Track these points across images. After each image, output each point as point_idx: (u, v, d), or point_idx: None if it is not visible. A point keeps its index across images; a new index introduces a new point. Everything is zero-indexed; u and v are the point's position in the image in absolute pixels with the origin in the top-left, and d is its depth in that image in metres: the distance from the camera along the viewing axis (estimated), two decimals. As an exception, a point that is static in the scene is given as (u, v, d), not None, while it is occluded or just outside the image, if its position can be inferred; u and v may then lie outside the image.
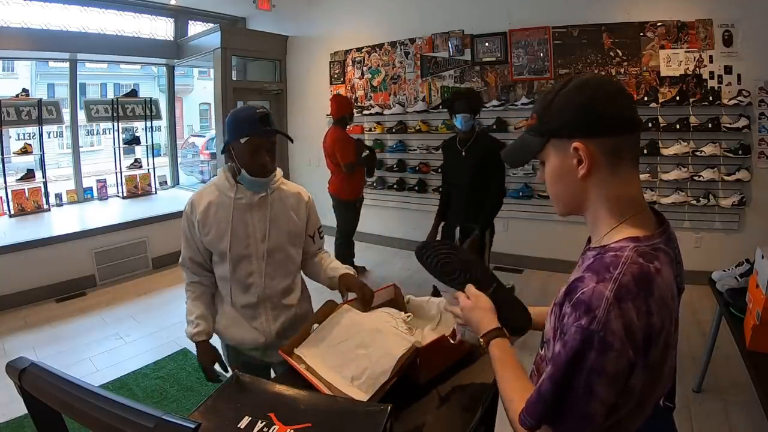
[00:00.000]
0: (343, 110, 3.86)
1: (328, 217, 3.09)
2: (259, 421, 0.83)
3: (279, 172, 1.51)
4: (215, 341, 1.51)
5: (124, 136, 5.43)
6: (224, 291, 1.50)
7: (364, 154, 3.89)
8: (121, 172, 5.33)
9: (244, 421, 0.83)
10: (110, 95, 6.39)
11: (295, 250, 1.55)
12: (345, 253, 4.05)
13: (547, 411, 0.67)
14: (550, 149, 0.76)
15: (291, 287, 1.55)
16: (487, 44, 4.37)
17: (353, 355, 1.16)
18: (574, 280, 0.69)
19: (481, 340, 0.88)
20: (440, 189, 3.10)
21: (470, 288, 0.96)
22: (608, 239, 0.73)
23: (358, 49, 5.21)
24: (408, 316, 1.34)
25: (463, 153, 2.80)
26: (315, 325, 1.31)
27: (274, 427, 0.81)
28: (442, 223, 3.06)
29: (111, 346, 3.10)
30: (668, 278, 0.68)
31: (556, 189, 0.79)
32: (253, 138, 1.36)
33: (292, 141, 1.73)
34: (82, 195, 5.17)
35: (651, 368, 0.67)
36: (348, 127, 3.98)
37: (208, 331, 1.46)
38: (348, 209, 4.00)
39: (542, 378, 0.69)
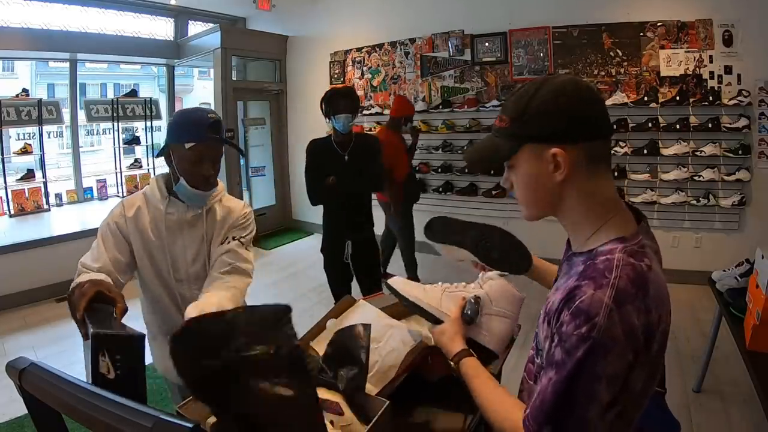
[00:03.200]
0: (401, 111, 3.66)
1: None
2: None
3: (221, 186, 1.38)
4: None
5: (124, 136, 5.43)
6: (158, 316, 1.36)
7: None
8: (121, 172, 5.33)
9: None
10: (110, 95, 6.38)
11: None
12: (411, 261, 3.83)
13: (549, 417, 0.68)
14: (524, 154, 0.73)
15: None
16: (487, 44, 4.37)
17: None
18: (573, 288, 0.69)
19: (452, 363, 0.92)
20: (316, 200, 2.49)
21: (453, 312, 1.02)
22: (594, 243, 0.73)
23: (358, 49, 5.21)
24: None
25: (346, 158, 2.41)
26: (331, 320, 1.32)
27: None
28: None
29: (111, 346, 3.10)
30: (658, 272, 0.70)
31: (528, 193, 0.77)
32: (200, 145, 1.21)
33: (242, 153, 1.50)
34: (82, 195, 5.17)
35: (652, 362, 0.68)
36: (403, 128, 3.75)
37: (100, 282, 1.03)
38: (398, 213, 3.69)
39: (544, 384, 0.69)
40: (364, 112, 5.06)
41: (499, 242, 1.09)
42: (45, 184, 4.74)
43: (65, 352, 3.04)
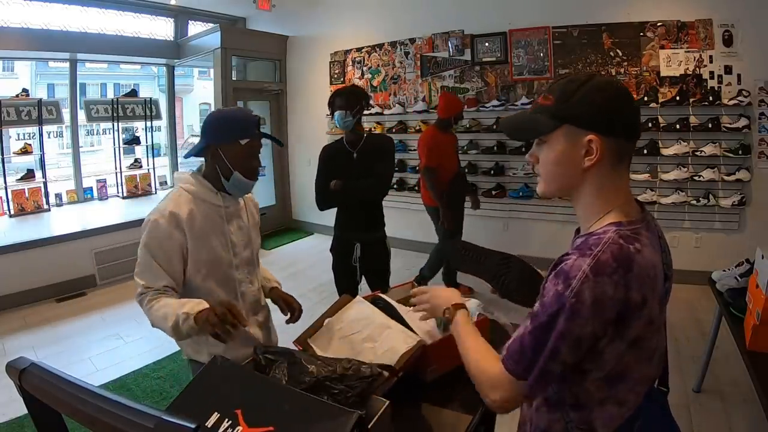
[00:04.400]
0: (450, 110, 3.43)
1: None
2: (226, 420, 0.83)
3: None
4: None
5: (124, 136, 5.43)
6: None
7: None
8: (121, 172, 5.33)
9: (212, 419, 0.84)
10: (110, 95, 6.38)
11: (259, 252, 1.59)
12: (435, 264, 3.69)
13: (530, 362, 0.74)
14: (561, 134, 0.78)
15: (260, 287, 1.58)
16: (487, 44, 4.37)
17: (360, 347, 1.17)
18: (562, 256, 0.77)
19: (448, 311, 0.99)
20: (323, 205, 2.49)
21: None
22: (595, 226, 0.79)
23: (358, 49, 5.21)
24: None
25: (355, 155, 2.41)
26: (329, 319, 1.32)
27: (238, 428, 0.81)
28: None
29: (111, 346, 3.10)
30: (649, 258, 0.73)
31: (554, 172, 0.82)
32: (253, 141, 1.36)
33: (281, 145, 1.71)
34: (82, 195, 5.16)
35: (635, 343, 0.72)
36: (453, 127, 3.53)
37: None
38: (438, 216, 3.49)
39: (524, 331, 0.76)
40: (365, 112, 5.05)
41: (516, 275, 1.09)
42: (45, 184, 4.74)
43: (65, 352, 3.04)
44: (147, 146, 5.59)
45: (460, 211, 3.62)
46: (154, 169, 5.66)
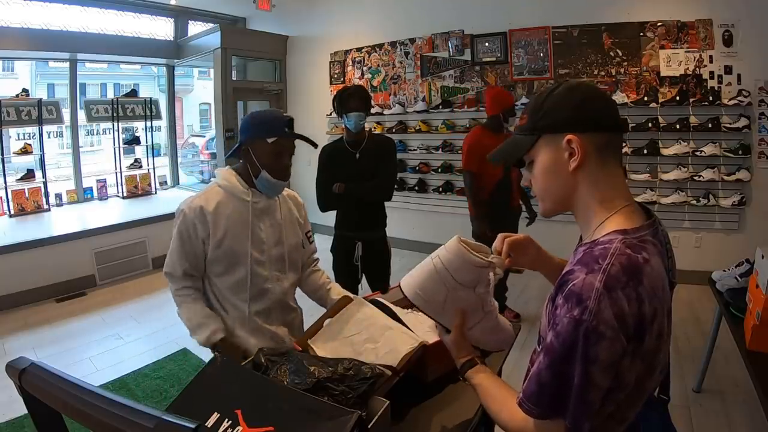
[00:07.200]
0: (497, 106, 2.89)
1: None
2: (226, 420, 0.83)
3: None
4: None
5: (124, 136, 5.43)
6: (233, 301, 1.43)
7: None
8: (121, 172, 5.34)
9: (212, 419, 0.84)
10: (110, 95, 6.39)
11: (298, 253, 1.58)
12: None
13: (552, 399, 0.69)
14: (542, 145, 0.78)
15: (294, 288, 1.59)
16: (487, 44, 4.37)
17: (362, 348, 1.17)
18: (565, 273, 0.71)
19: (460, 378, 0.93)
20: (325, 207, 2.49)
21: (456, 326, 0.96)
22: (598, 233, 0.75)
23: (358, 49, 5.21)
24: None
25: (357, 155, 2.39)
26: (329, 320, 1.32)
27: (238, 428, 0.82)
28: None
29: (111, 346, 3.10)
30: (657, 268, 0.70)
31: (546, 184, 0.80)
32: (281, 139, 1.37)
33: (315, 146, 1.61)
34: (82, 195, 5.17)
35: (645, 356, 0.69)
36: (505, 126, 2.94)
37: (223, 327, 1.40)
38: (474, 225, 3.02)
39: (539, 368, 0.71)
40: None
41: None
42: (45, 184, 4.74)
43: (66, 352, 3.04)
44: (147, 146, 5.59)
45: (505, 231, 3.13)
46: (154, 169, 5.66)
